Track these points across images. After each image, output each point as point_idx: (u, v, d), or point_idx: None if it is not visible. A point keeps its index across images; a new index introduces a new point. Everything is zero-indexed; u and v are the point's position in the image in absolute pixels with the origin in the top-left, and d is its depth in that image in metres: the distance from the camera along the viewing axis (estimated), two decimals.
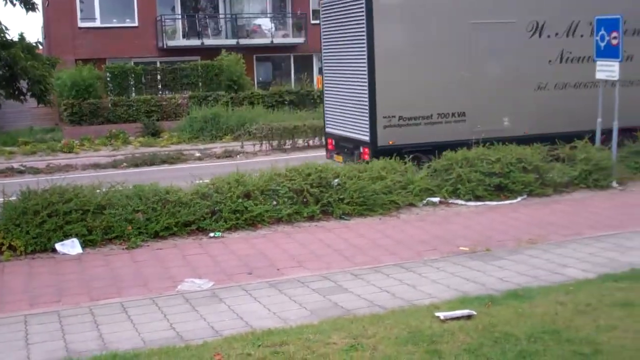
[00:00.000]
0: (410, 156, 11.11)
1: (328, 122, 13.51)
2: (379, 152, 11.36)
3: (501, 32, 12.21)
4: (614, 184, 10.90)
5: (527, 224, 8.74)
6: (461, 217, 9.23)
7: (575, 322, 5.04)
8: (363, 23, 11.44)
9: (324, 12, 13.28)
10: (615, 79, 11.03)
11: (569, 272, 6.63)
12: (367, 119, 11.62)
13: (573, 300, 5.54)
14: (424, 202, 9.94)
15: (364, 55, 11.56)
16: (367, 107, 11.60)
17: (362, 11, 11.43)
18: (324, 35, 13.30)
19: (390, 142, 11.52)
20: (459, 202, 10.02)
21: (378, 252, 7.65)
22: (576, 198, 10.27)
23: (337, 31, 12.71)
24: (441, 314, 5.29)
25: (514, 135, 11.82)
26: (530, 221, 8.87)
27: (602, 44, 11.23)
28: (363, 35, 11.46)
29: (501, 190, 10.26)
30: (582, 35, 12.55)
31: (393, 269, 6.94)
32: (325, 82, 13.53)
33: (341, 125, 12.83)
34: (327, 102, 13.49)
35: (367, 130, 11.65)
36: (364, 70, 11.58)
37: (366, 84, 11.56)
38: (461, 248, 7.66)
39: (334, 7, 12.75)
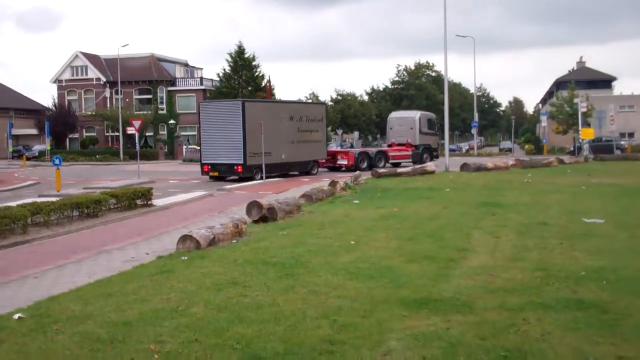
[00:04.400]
0: (255, 170, 31.42)
1: (205, 156, 32.48)
2: (246, 168, 31.06)
3: (284, 120, 33.90)
4: None
5: None
6: None
7: None
8: (239, 113, 31.19)
9: (205, 107, 33.93)
10: None
11: None
12: (242, 152, 30.98)
13: None
14: None
15: (239, 127, 31.12)
16: (241, 147, 30.98)
17: (239, 110, 31.32)
18: (204, 115, 32.95)
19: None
20: None
21: None
22: None
23: (217, 113, 32.30)
24: None
25: (282, 161, 33.27)
26: None
27: None
28: (239, 117, 31.16)
29: None
30: (302, 121, 34.96)
31: None
32: (204, 138, 33.04)
33: (217, 157, 31.81)
34: (204, 148, 32.71)
35: (242, 157, 30.92)
36: (240, 132, 31.02)
37: (241, 138, 30.92)
38: None
39: (214, 106, 34.29)
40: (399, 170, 32.90)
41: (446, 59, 38.91)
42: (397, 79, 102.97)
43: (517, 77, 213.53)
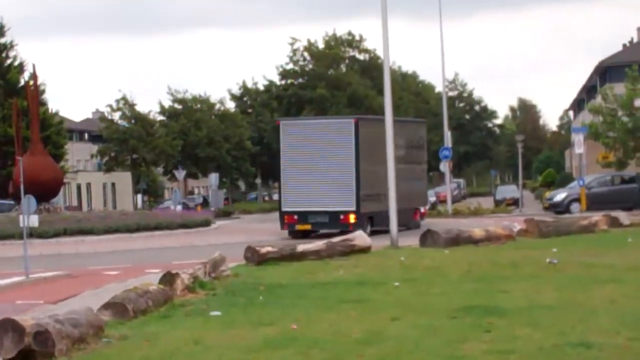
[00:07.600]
0: (366, 222, 47.73)
1: (287, 202, 49.05)
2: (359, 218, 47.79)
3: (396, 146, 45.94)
4: None
5: None
6: None
7: None
8: (350, 137, 47.99)
9: (289, 127, 51.19)
10: None
11: None
12: (354, 194, 48.24)
13: None
14: None
15: (350, 157, 47.76)
16: (353, 187, 48.53)
17: (351, 131, 48.29)
18: (287, 140, 49.26)
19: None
20: None
21: None
22: None
23: (309, 137, 49.50)
24: None
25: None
26: None
27: None
28: (350, 142, 48.21)
29: None
30: (402, 147, 50.38)
31: None
32: (285, 173, 48.94)
33: (309, 202, 48.02)
34: (286, 188, 49.63)
35: (354, 202, 47.96)
36: (351, 165, 48.31)
37: (353, 174, 48.20)
38: None
39: (305, 126, 53.95)
40: (302, 247, 32.70)
41: (386, 24, 38.80)
42: (292, 67, 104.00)
43: (521, 61, 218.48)
